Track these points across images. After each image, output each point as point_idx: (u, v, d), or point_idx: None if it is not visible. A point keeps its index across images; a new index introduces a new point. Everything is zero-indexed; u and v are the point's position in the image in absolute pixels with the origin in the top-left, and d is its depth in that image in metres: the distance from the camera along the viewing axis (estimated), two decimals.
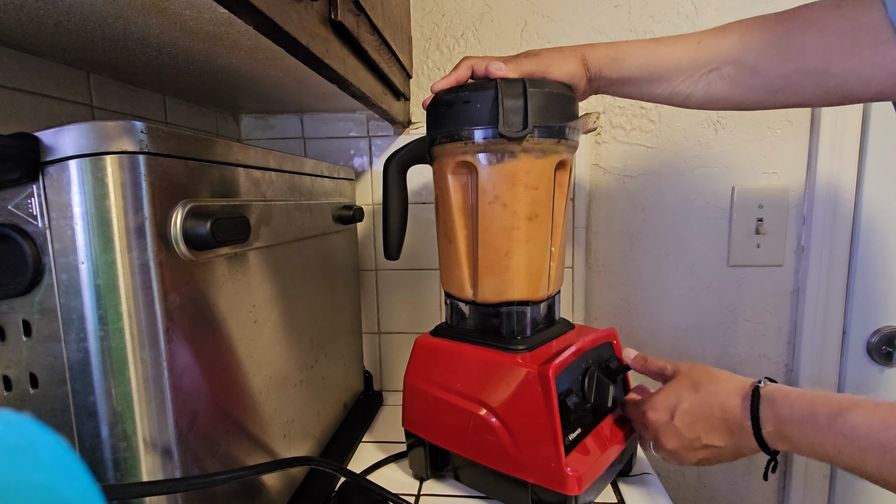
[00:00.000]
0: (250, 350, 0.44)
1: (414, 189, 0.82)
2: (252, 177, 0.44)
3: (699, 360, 0.86)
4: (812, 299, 0.81)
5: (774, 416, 0.43)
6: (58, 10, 0.37)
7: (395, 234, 0.59)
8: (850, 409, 0.39)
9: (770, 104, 0.51)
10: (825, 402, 0.41)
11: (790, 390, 0.44)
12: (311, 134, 0.85)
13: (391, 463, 0.64)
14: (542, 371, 0.48)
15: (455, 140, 0.51)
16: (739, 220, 0.82)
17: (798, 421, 0.42)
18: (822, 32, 0.45)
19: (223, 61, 0.50)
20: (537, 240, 0.53)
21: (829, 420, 0.40)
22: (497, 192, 0.51)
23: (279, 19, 0.35)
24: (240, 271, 0.42)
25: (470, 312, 0.57)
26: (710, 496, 0.89)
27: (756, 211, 0.81)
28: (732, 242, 0.82)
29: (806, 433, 0.41)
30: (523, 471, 0.49)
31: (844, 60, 0.45)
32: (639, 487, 0.58)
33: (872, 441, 0.37)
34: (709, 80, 0.52)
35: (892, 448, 0.37)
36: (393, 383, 0.89)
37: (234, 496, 0.41)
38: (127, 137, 0.30)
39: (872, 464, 0.38)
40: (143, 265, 0.32)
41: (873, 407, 0.39)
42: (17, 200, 0.31)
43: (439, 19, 0.82)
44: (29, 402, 0.32)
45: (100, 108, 0.56)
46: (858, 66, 0.44)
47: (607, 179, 0.83)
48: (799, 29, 0.47)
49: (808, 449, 0.42)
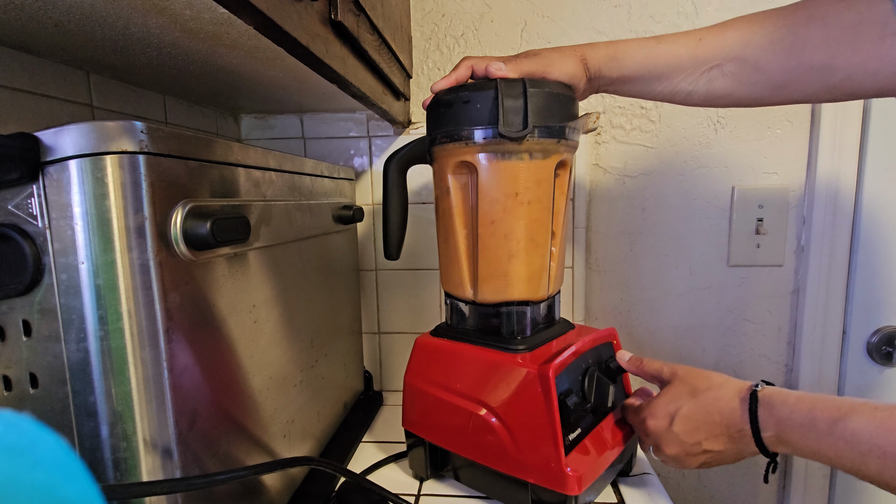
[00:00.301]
0: (250, 350, 0.44)
1: (414, 189, 0.82)
2: (252, 177, 0.44)
3: (699, 360, 0.86)
4: (812, 299, 0.81)
5: (774, 421, 0.43)
6: (58, 10, 0.37)
7: (395, 234, 0.59)
8: (849, 413, 0.39)
9: (773, 100, 0.51)
10: (825, 407, 0.41)
11: (789, 394, 0.44)
12: (311, 134, 0.85)
13: (391, 463, 0.64)
14: (542, 371, 0.48)
15: (455, 140, 0.51)
16: (739, 220, 0.82)
17: (798, 425, 0.42)
18: (827, 26, 0.45)
19: (223, 61, 0.50)
20: (537, 240, 0.53)
21: (828, 425, 0.40)
22: (497, 192, 0.51)
23: (279, 19, 0.35)
24: (240, 271, 0.42)
25: (470, 312, 0.57)
26: (710, 496, 0.89)
27: (756, 211, 0.81)
28: (732, 242, 0.82)
29: (806, 438, 0.41)
30: (523, 471, 0.49)
31: (850, 54, 0.44)
32: (639, 487, 0.58)
33: (873, 446, 0.37)
34: (710, 77, 0.51)
35: (892, 453, 0.36)
36: (393, 383, 0.89)
37: (234, 496, 0.41)
38: (127, 137, 0.30)
39: (874, 468, 0.37)
40: (143, 265, 0.32)
41: (872, 410, 0.38)
42: (17, 200, 0.31)
43: (439, 19, 0.82)
44: (29, 402, 0.32)
45: (100, 108, 0.56)
46: (865, 60, 0.44)
47: (607, 179, 0.83)
48: (803, 23, 0.46)
49: (808, 453, 0.41)
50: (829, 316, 0.81)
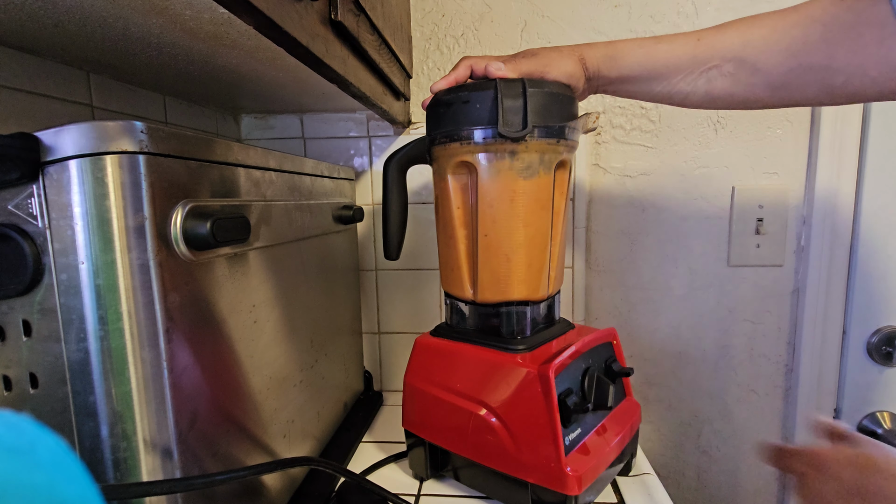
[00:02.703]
0: (250, 350, 0.44)
1: (414, 189, 0.82)
2: (252, 177, 0.44)
3: (699, 360, 0.85)
4: (812, 299, 0.81)
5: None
6: (58, 10, 0.37)
7: (395, 234, 0.59)
8: None
9: (772, 102, 0.51)
10: None
11: None
12: (311, 134, 0.85)
13: (391, 463, 0.64)
14: (542, 371, 0.48)
15: (455, 140, 0.51)
16: (739, 219, 0.82)
17: None
18: (826, 27, 0.45)
19: (223, 61, 0.50)
20: (537, 240, 0.53)
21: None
22: (497, 192, 0.51)
23: (279, 19, 0.35)
24: (240, 271, 0.42)
25: (470, 312, 0.57)
26: (710, 496, 0.89)
27: (756, 211, 0.81)
28: (732, 242, 0.82)
29: None
30: (523, 471, 0.49)
31: (849, 56, 0.44)
32: (639, 487, 0.58)
33: None
34: (709, 77, 0.51)
35: None
36: (393, 383, 0.89)
37: (234, 496, 0.41)
38: (127, 137, 0.30)
39: None
40: (142, 265, 0.32)
41: None
42: (17, 200, 0.31)
43: (439, 19, 0.82)
44: (29, 402, 0.32)
45: (100, 108, 0.56)
46: (864, 61, 0.44)
47: (607, 179, 0.83)
48: (802, 24, 0.46)
49: None
50: (829, 316, 0.81)
